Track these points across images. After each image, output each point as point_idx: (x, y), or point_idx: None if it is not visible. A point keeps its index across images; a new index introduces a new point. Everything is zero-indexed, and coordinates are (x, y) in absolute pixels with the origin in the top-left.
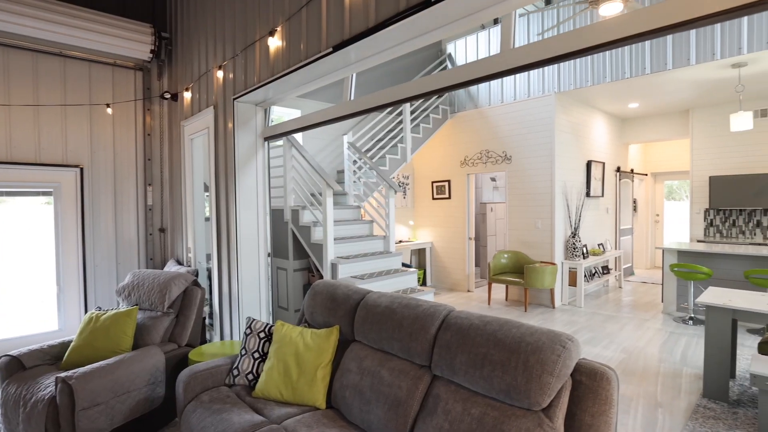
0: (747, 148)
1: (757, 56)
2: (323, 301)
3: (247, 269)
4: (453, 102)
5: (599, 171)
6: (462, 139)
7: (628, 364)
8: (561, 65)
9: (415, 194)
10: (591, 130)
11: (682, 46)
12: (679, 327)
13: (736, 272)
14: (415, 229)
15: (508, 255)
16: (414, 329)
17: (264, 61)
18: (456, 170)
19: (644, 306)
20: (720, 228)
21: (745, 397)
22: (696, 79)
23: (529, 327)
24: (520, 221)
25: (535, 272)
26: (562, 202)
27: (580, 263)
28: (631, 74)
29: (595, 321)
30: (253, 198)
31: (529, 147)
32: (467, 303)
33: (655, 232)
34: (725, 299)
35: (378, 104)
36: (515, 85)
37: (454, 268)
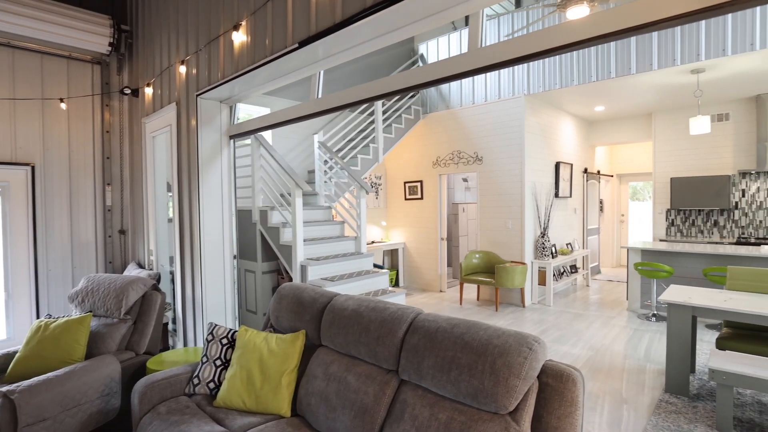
0: (705, 151)
1: (714, 63)
2: (289, 305)
3: (211, 272)
4: (425, 102)
5: (567, 172)
6: (434, 139)
7: (595, 362)
8: (530, 68)
9: (387, 195)
10: (559, 132)
11: (645, 52)
12: (643, 324)
13: (696, 270)
14: (387, 229)
15: (479, 255)
16: (381, 333)
17: (228, 57)
18: (428, 171)
19: (610, 304)
20: (680, 227)
21: (704, 391)
22: (658, 84)
23: (497, 329)
24: (491, 221)
25: (505, 272)
26: (531, 203)
27: (550, 263)
28: (597, 78)
29: (563, 319)
30: (218, 198)
31: (499, 148)
32: (439, 303)
33: (621, 231)
34: (685, 297)
35: (346, 102)
36: (486, 86)
37: (427, 268)
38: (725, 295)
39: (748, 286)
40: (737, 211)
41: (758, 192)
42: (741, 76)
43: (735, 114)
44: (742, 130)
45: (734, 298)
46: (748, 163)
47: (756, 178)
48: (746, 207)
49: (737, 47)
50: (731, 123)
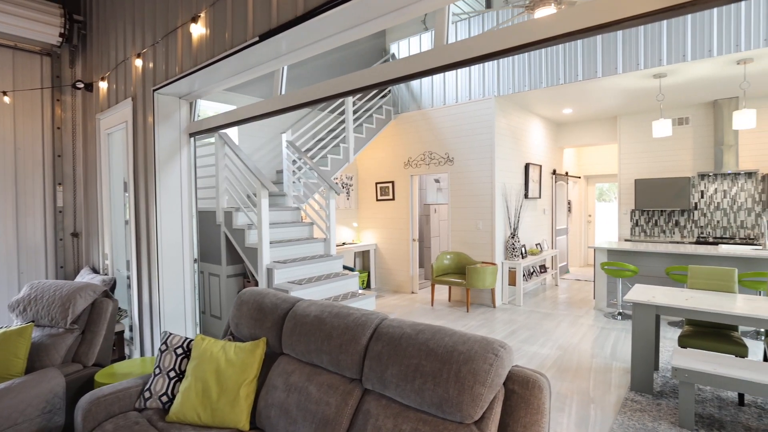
0: (667, 153)
1: (675, 68)
2: (250, 312)
3: (170, 277)
4: (396, 103)
5: (537, 173)
6: (405, 140)
7: (564, 361)
8: (500, 70)
9: (359, 195)
10: (529, 134)
11: (610, 56)
12: (609, 322)
13: (659, 269)
14: (359, 230)
15: (450, 256)
16: (344, 340)
17: (186, 50)
18: (400, 171)
19: (578, 303)
20: (644, 227)
21: (667, 388)
22: (623, 88)
23: (462, 335)
24: (463, 222)
25: (476, 273)
26: (502, 204)
27: (519, 263)
28: (564, 80)
29: (533, 319)
30: (177, 199)
31: (470, 149)
32: (411, 305)
33: (588, 231)
34: (649, 296)
35: (310, 99)
36: (457, 87)
37: (398, 269)
38: (687, 293)
39: (707, 284)
40: (697, 211)
41: (716, 193)
42: (700, 81)
43: (694, 118)
44: (700, 134)
45: (695, 296)
46: (707, 166)
47: (714, 179)
48: (705, 208)
49: (696, 53)
50: (691, 127)
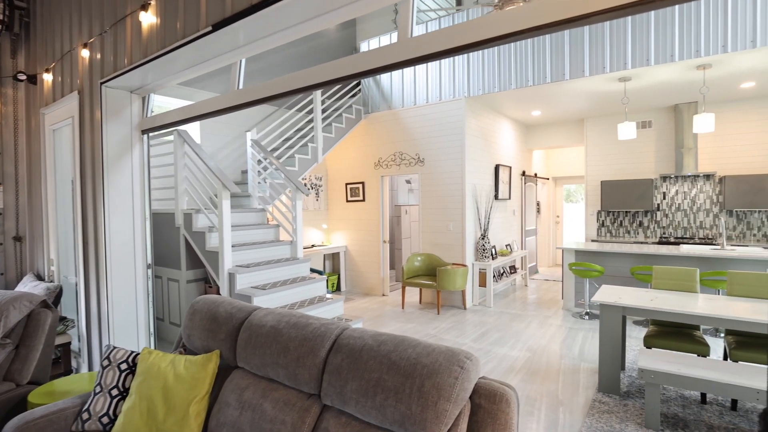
0: (631, 156)
1: (640, 72)
2: (203, 322)
3: (120, 284)
4: (367, 102)
5: (506, 175)
6: (376, 140)
7: (533, 363)
8: (470, 71)
9: (328, 196)
10: (499, 136)
11: (577, 59)
12: (577, 322)
13: (624, 269)
14: (328, 232)
15: (421, 258)
16: (302, 353)
17: (136, 40)
18: (370, 172)
19: (547, 303)
20: (610, 228)
21: (633, 388)
22: (589, 91)
23: (426, 345)
24: (433, 223)
25: (447, 274)
26: (472, 205)
27: (490, 264)
28: (533, 82)
29: (503, 320)
30: (128, 200)
31: (441, 150)
32: (381, 308)
33: (556, 232)
34: (616, 297)
35: (269, 94)
36: (427, 87)
37: (369, 272)
38: (651, 294)
39: (671, 284)
40: (659, 212)
41: (677, 195)
42: (662, 85)
43: (656, 122)
44: (662, 137)
45: (659, 296)
46: (668, 168)
47: (675, 181)
48: (667, 209)
49: (659, 58)
50: (653, 130)
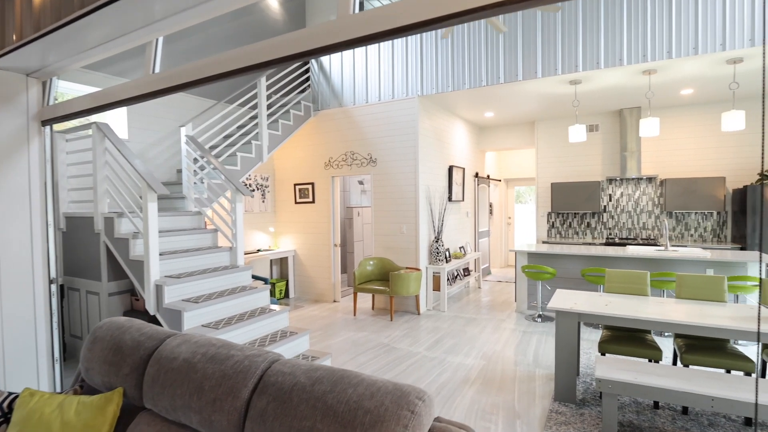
0: (579, 158)
1: (590, 75)
2: (104, 353)
3: (12, 306)
4: (316, 99)
5: (460, 176)
6: (326, 139)
7: (488, 372)
8: (424, 69)
9: (276, 198)
10: (452, 136)
11: (530, 60)
12: (530, 325)
13: (575, 271)
14: (276, 236)
15: (373, 262)
16: (219, 393)
17: (27, 11)
18: (320, 172)
19: (500, 305)
20: (560, 229)
21: (588, 395)
22: (541, 92)
23: (370, 383)
24: (386, 226)
25: (400, 279)
26: (426, 207)
27: (444, 267)
28: (487, 83)
29: (457, 325)
30: (24, 203)
31: (393, 150)
32: (332, 315)
33: (508, 233)
34: (571, 303)
35: (190, 80)
36: (380, 84)
37: (319, 277)
38: (605, 298)
39: (623, 288)
40: (605, 214)
41: (621, 197)
42: (610, 89)
43: (603, 125)
44: (608, 141)
45: (613, 301)
46: (614, 171)
47: (620, 184)
48: (613, 210)
49: (609, 61)
50: (600, 134)
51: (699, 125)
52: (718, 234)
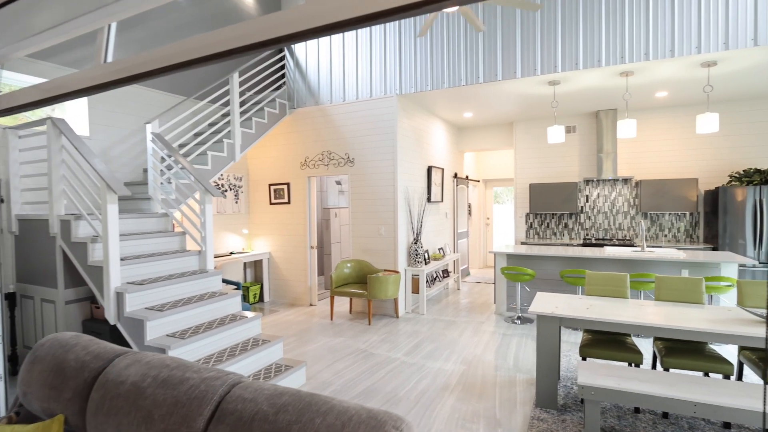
0: (557, 159)
1: (568, 76)
2: (44, 375)
3: None
4: (292, 96)
5: (439, 177)
6: (302, 138)
7: (468, 378)
8: (402, 68)
9: (250, 198)
10: (431, 137)
11: (509, 60)
12: (510, 327)
13: (554, 272)
14: (250, 238)
15: (351, 264)
16: (171, 424)
17: None
18: (296, 172)
19: (480, 307)
20: (538, 230)
21: (569, 399)
22: (520, 93)
23: (341, 410)
24: (364, 228)
25: (378, 282)
26: (404, 208)
27: (423, 269)
28: (466, 82)
29: (436, 329)
30: None
31: (372, 150)
32: (308, 320)
33: (487, 234)
34: (552, 307)
35: (146, 70)
36: (358, 82)
37: (295, 280)
38: (586, 301)
39: (603, 290)
40: (582, 215)
41: (598, 198)
42: (587, 91)
43: (580, 127)
44: (585, 142)
45: (594, 304)
46: (591, 172)
47: (596, 185)
48: (590, 211)
49: (587, 62)
50: (577, 135)
51: (673, 127)
52: (690, 234)
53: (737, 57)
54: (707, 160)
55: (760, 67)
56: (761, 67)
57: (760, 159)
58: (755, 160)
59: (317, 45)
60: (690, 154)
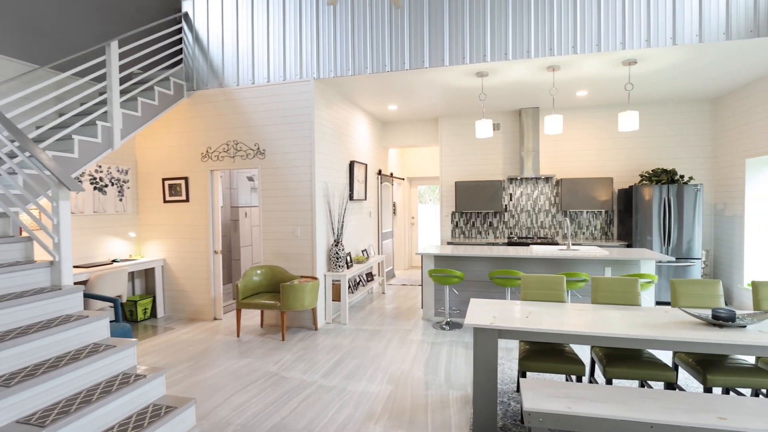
0: (482, 157)
1: (497, 67)
2: None
3: None
4: (191, 76)
5: (362, 173)
6: (203, 125)
7: (396, 400)
8: (320, 48)
9: (139, 195)
10: (354, 130)
11: (437, 47)
12: (438, 335)
13: (483, 274)
14: (139, 242)
15: (261, 271)
16: None
17: None
18: (196, 165)
19: (406, 313)
20: (463, 229)
21: (508, 419)
22: (447, 84)
23: None
24: (277, 229)
25: (293, 291)
26: (324, 206)
27: (344, 274)
28: (391, 68)
29: (359, 341)
30: None
31: (286, 140)
32: (210, 338)
33: (412, 233)
34: (490, 318)
35: None
36: (269, 63)
37: (196, 291)
38: (523, 308)
39: (539, 294)
40: (507, 213)
41: (521, 196)
42: (515, 85)
43: (504, 125)
44: (509, 140)
45: (532, 311)
46: (514, 170)
47: (519, 183)
48: (513, 210)
49: (516, 53)
50: (502, 133)
51: (593, 127)
52: (606, 232)
53: (656, 56)
54: (622, 160)
55: (676, 68)
56: (677, 68)
57: (669, 160)
58: (665, 160)
59: (221, 17)
60: (607, 154)
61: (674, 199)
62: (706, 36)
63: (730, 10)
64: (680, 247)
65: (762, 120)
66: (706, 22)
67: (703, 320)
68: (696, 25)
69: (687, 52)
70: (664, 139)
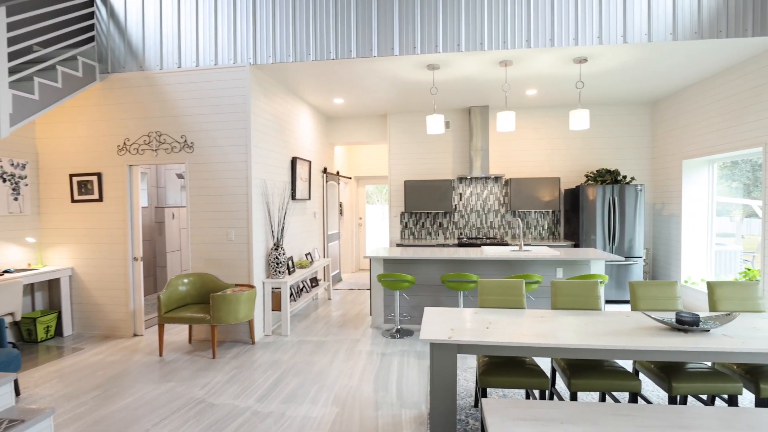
0: (432, 156)
1: (449, 60)
2: None
3: None
4: (104, 57)
5: (306, 171)
6: (120, 113)
7: (343, 426)
8: (257, 31)
9: (40, 194)
10: (297, 124)
11: (387, 36)
12: (389, 344)
13: (435, 277)
14: (40, 249)
15: (189, 280)
16: None
17: None
18: (111, 158)
19: (353, 320)
20: (413, 230)
21: None
22: (397, 77)
23: None
24: (207, 231)
25: (225, 303)
26: (262, 206)
27: (286, 281)
28: (336, 56)
29: (302, 355)
30: None
31: (218, 133)
32: (126, 359)
33: (359, 235)
34: (448, 331)
35: None
36: (198, 45)
37: (112, 304)
38: (482, 316)
39: (498, 300)
40: (456, 213)
41: (471, 196)
42: (465, 80)
43: (454, 123)
44: (459, 139)
45: (492, 320)
46: (464, 170)
47: (469, 183)
48: (463, 210)
49: (470, 44)
50: (451, 131)
51: (541, 127)
52: (553, 232)
53: (606, 54)
54: (569, 161)
55: (625, 68)
56: (625, 68)
57: (613, 161)
58: (610, 161)
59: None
60: (554, 154)
61: (617, 199)
62: (655, 35)
63: (676, 11)
64: (623, 246)
65: (698, 122)
66: (655, 22)
67: (667, 325)
68: (645, 25)
69: (636, 52)
70: (608, 140)
